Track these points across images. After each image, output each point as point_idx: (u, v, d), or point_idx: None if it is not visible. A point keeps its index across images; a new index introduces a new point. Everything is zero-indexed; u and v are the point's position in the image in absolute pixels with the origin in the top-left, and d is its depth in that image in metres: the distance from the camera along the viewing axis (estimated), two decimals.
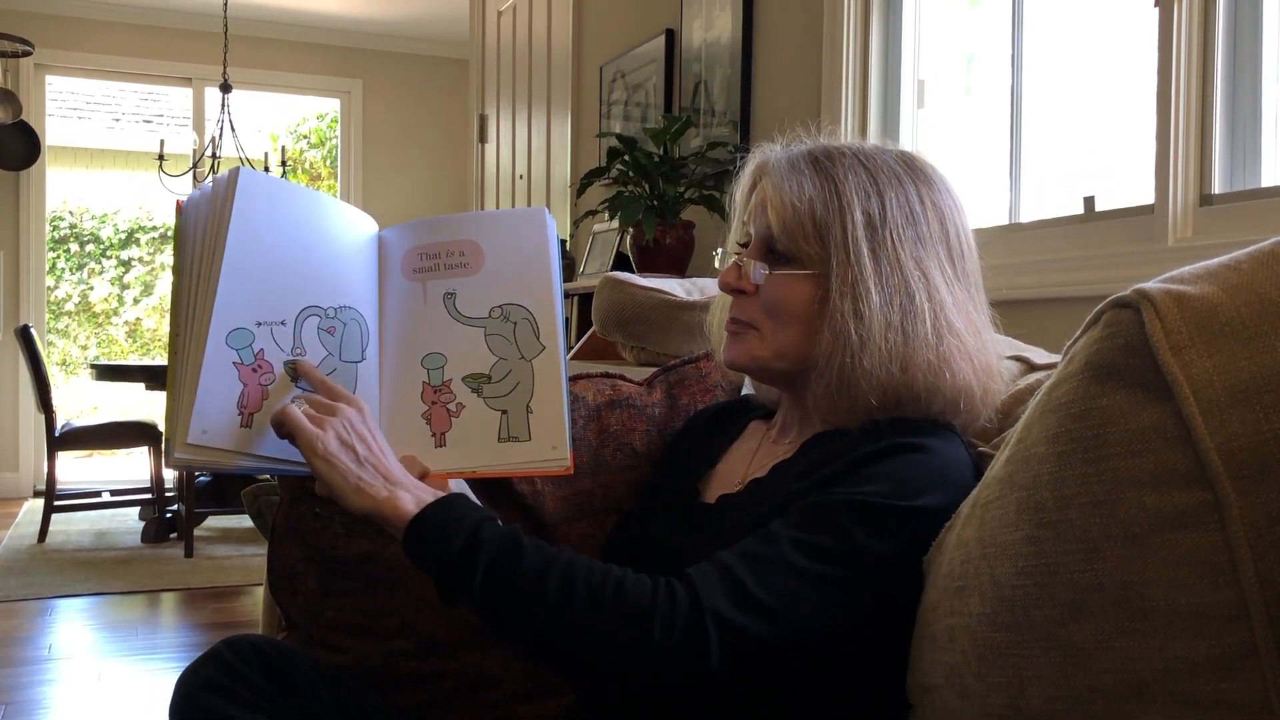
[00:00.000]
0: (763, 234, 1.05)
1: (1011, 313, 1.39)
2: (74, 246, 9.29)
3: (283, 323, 1.02)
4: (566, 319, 3.67)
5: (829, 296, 1.00)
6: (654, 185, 2.93)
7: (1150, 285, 0.66)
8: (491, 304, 1.10)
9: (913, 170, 1.05)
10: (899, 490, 0.91)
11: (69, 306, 9.29)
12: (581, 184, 3.06)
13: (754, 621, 0.85)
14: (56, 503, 4.87)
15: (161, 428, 5.10)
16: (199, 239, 1.01)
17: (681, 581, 0.87)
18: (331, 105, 7.70)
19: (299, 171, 9.15)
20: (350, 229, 1.11)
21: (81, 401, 8.54)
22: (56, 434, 4.78)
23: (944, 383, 0.99)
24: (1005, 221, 2.24)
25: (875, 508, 0.90)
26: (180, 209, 1.04)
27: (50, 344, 8.47)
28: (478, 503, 0.97)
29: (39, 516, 4.97)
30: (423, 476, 1.04)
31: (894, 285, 0.99)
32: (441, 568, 0.90)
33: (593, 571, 0.88)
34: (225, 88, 5.57)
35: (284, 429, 0.95)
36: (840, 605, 0.88)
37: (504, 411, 1.08)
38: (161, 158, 5.63)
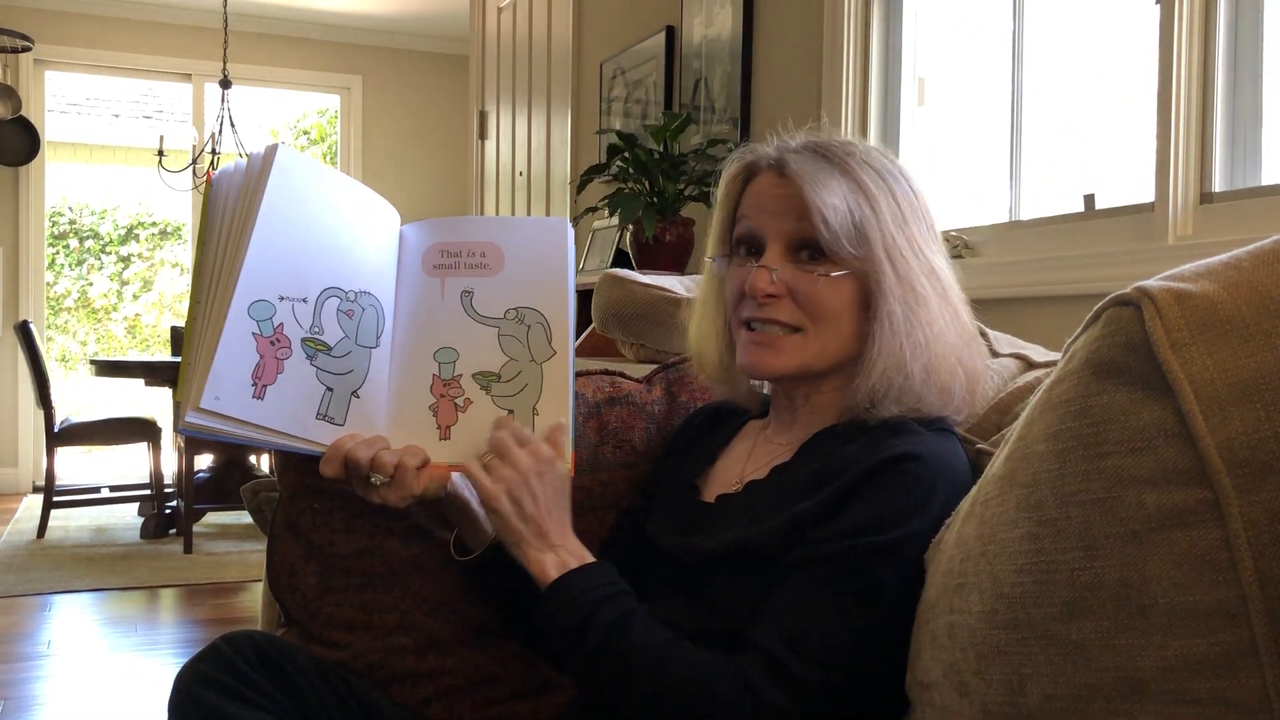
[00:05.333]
0: (792, 234, 1.03)
1: (1011, 310, 1.39)
2: (73, 242, 9.28)
3: (304, 300, 1.04)
4: None
5: (871, 294, 1.02)
6: (654, 182, 2.93)
7: (1151, 283, 0.66)
8: (507, 306, 1.11)
9: (887, 159, 1.07)
10: (907, 511, 0.92)
11: (68, 302, 9.28)
12: (581, 181, 3.05)
13: (810, 700, 0.90)
14: (55, 498, 4.86)
15: (160, 424, 5.10)
16: (230, 209, 1.03)
17: (752, 694, 0.90)
18: (331, 101, 7.69)
19: None
20: (376, 217, 1.13)
21: (80, 397, 8.53)
22: (55, 430, 4.78)
23: (968, 363, 1.04)
24: (1005, 219, 2.24)
25: (888, 543, 0.92)
26: (211, 181, 1.06)
27: (49, 340, 8.47)
28: (611, 573, 1.02)
29: (38, 512, 4.96)
30: (424, 466, 1.06)
31: (925, 269, 1.03)
32: (559, 640, 0.99)
33: (687, 669, 0.93)
34: (225, 84, 5.56)
35: (468, 477, 1.05)
36: (879, 643, 0.92)
37: (510, 411, 1.09)
38: (161, 153, 5.62)
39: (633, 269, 2.45)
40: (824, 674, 0.90)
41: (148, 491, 5.08)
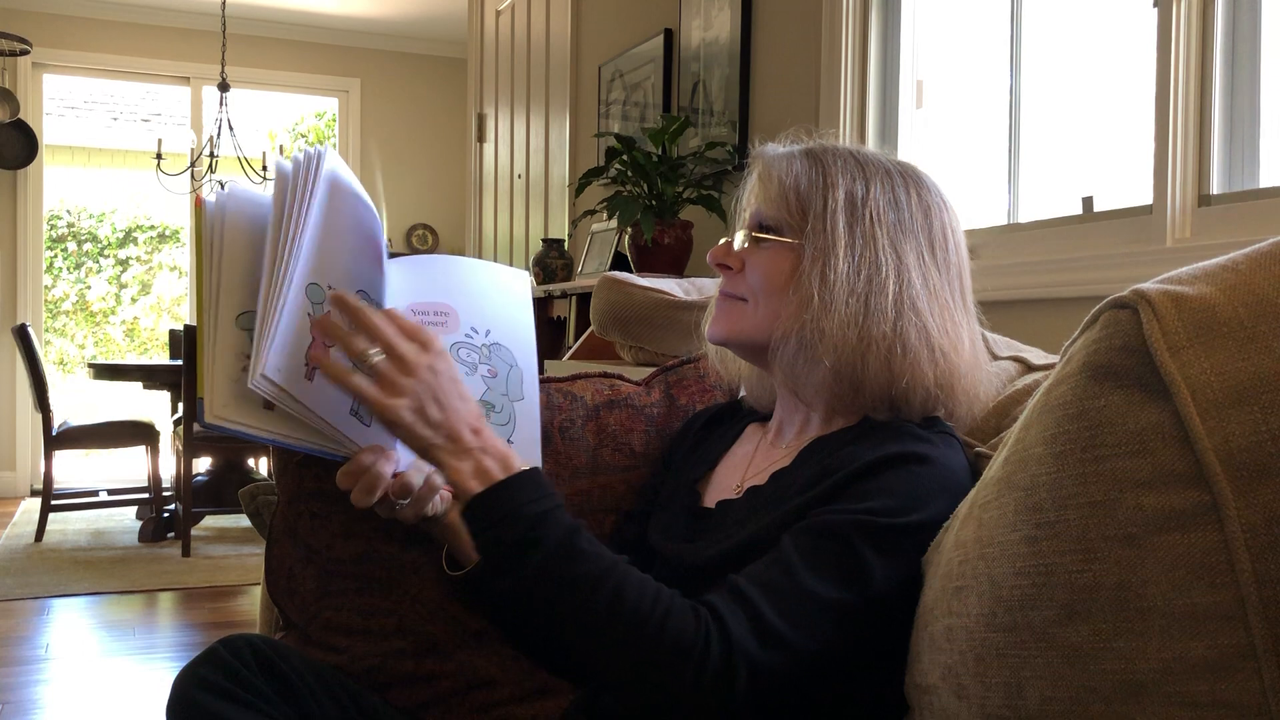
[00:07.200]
0: (753, 214, 1.09)
1: (1010, 313, 1.40)
2: (71, 245, 9.28)
3: None
4: (564, 318, 3.67)
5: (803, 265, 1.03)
6: (652, 185, 2.93)
7: (1148, 286, 0.66)
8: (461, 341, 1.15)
9: (904, 170, 1.08)
10: (904, 505, 0.91)
11: (66, 305, 9.28)
12: (580, 184, 3.06)
13: (779, 657, 0.86)
14: (53, 502, 4.86)
15: (158, 427, 5.08)
16: (283, 196, 1.03)
17: (714, 620, 0.86)
18: (330, 104, 7.70)
19: None
20: (380, 241, 1.16)
21: (78, 401, 8.53)
22: (54, 433, 4.77)
23: (895, 359, 1.00)
24: (1004, 222, 2.24)
25: (883, 527, 0.90)
26: (204, 202, 1.07)
27: (47, 343, 8.46)
28: (545, 483, 0.93)
29: (36, 516, 4.96)
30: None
31: (864, 258, 1.01)
32: (492, 556, 0.90)
33: (643, 596, 0.86)
34: (223, 87, 5.57)
35: (358, 398, 0.95)
36: (856, 625, 0.89)
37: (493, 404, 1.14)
38: (159, 157, 5.63)
39: (632, 272, 2.45)
40: (795, 633, 0.87)
41: (146, 495, 5.08)
